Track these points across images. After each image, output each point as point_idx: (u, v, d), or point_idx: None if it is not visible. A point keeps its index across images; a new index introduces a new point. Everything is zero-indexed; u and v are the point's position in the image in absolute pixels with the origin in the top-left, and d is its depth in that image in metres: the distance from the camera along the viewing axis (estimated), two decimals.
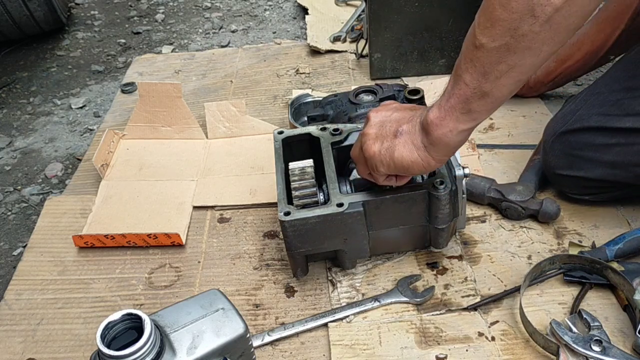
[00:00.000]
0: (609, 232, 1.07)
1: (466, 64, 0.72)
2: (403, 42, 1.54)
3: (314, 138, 1.03)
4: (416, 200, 0.92)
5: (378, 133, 0.84)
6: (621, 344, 0.88)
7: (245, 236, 1.15)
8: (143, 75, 1.73)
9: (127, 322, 0.66)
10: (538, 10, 0.64)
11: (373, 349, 0.92)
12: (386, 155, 0.83)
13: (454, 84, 0.75)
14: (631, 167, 1.01)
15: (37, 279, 1.09)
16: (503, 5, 0.66)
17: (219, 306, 0.72)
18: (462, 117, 0.75)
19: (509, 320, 0.94)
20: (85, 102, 1.71)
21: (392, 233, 0.99)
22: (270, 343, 0.94)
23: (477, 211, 1.15)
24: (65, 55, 1.97)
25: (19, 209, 1.36)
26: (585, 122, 1.03)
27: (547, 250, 1.05)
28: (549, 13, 0.64)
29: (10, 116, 1.68)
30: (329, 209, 0.91)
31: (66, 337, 0.99)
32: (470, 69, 0.72)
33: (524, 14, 0.65)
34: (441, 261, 1.05)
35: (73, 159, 1.49)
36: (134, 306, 1.03)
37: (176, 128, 1.39)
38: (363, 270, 1.04)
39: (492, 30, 0.68)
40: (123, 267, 1.11)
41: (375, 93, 1.13)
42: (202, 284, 1.06)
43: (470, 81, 0.72)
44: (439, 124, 0.77)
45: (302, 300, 1.01)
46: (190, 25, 2.09)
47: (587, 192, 1.11)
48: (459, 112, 0.75)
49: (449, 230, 0.99)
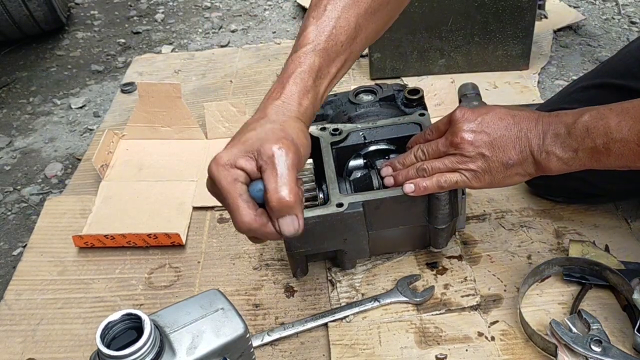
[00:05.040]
0: (609, 232, 1.07)
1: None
2: (403, 42, 1.54)
3: (314, 138, 1.03)
4: (416, 200, 0.92)
5: (489, 143, 0.84)
6: (621, 344, 0.88)
7: (244, 236, 1.15)
8: (143, 75, 1.73)
9: (127, 322, 0.66)
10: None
11: (373, 348, 0.92)
12: (491, 176, 0.85)
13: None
14: (601, 184, 1.05)
15: (37, 279, 1.09)
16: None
17: (219, 306, 0.72)
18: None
19: (508, 320, 0.94)
20: (85, 102, 1.71)
21: (392, 233, 0.99)
22: (270, 343, 0.94)
23: (476, 210, 1.15)
24: (65, 55, 1.97)
25: (19, 208, 1.36)
26: None
27: (547, 250, 1.05)
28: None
29: (10, 116, 1.68)
30: (328, 209, 0.91)
31: (66, 337, 0.99)
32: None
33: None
34: (441, 261, 1.05)
35: (73, 159, 1.49)
36: (134, 306, 1.03)
37: (176, 128, 1.39)
38: (363, 270, 1.04)
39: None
40: (123, 267, 1.11)
41: (375, 93, 1.13)
42: (201, 284, 1.06)
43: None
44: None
45: (301, 300, 1.01)
46: (190, 25, 2.09)
47: (559, 196, 1.14)
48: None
49: (449, 230, 0.99)
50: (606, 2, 1.98)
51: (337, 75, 0.80)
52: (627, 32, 1.81)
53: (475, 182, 0.86)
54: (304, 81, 0.74)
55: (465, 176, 0.86)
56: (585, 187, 1.07)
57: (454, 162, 0.86)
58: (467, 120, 0.85)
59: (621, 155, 0.75)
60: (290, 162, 0.65)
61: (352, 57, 0.82)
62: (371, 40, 0.86)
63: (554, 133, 0.80)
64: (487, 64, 1.57)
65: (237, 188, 0.66)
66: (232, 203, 0.66)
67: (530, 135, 0.82)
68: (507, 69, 1.57)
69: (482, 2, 1.46)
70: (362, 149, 1.03)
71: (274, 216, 0.65)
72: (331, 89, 0.82)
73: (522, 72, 1.58)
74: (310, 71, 0.75)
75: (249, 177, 0.67)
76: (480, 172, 0.85)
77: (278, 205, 0.64)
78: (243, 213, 0.65)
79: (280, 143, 0.66)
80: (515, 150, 0.83)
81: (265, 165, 0.66)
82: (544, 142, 0.81)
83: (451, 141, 0.86)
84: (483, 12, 1.48)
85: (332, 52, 0.78)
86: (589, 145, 0.77)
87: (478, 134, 0.84)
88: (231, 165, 0.67)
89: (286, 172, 0.65)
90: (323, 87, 0.78)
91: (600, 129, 0.76)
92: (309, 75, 0.75)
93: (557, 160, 0.81)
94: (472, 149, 0.84)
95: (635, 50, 1.05)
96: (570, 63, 1.66)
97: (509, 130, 0.83)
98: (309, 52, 0.76)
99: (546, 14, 1.82)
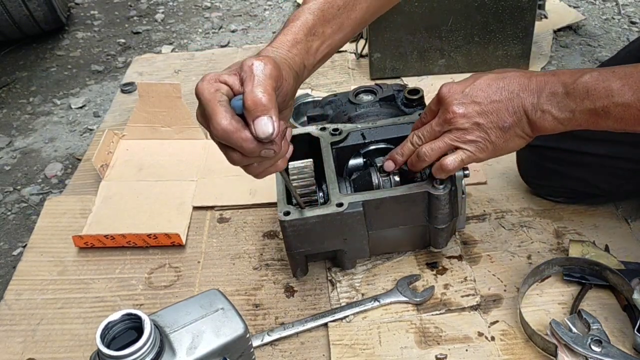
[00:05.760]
0: (609, 232, 1.07)
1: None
2: (403, 42, 1.54)
3: (314, 138, 1.03)
4: (416, 200, 0.92)
5: (481, 111, 0.83)
6: (621, 344, 0.88)
7: (245, 236, 1.15)
8: (143, 75, 1.73)
9: (127, 322, 0.66)
10: None
11: (373, 348, 0.92)
12: (493, 143, 0.84)
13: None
14: (601, 185, 1.05)
15: (37, 279, 1.09)
16: None
17: (219, 306, 0.72)
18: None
19: (508, 320, 0.94)
20: (85, 102, 1.71)
21: (392, 233, 0.99)
22: (270, 343, 0.94)
23: (476, 210, 1.15)
24: (65, 55, 1.97)
25: (19, 208, 1.36)
26: (562, 143, 1.01)
27: (547, 250, 1.05)
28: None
29: (10, 116, 1.68)
30: (328, 208, 0.91)
31: (66, 337, 0.99)
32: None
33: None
34: (441, 261, 1.05)
35: (73, 159, 1.49)
36: (134, 306, 1.03)
37: (176, 128, 1.39)
38: (363, 270, 1.04)
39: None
40: (123, 267, 1.11)
41: (375, 93, 1.13)
42: (201, 284, 1.06)
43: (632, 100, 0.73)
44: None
45: (301, 300, 1.01)
46: (190, 25, 2.09)
47: (560, 196, 1.13)
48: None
49: (449, 230, 0.99)
50: (606, 2, 1.98)
51: (332, 37, 0.83)
52: (627, 32, 1.81)
53: (480, 154, 0.85)
54: (294, 34, 0.78)
55: (468, 151, 0.85)
56: (585, 187, 1.07)
57: (452, 138, 0.85)
58: (454, 94, 0.84)
59: (621, 119, 0.74)
60: (269, 71, 0.67)
61: (350, 24, 0.84)
62: (372, 13, 0.89)
63: (551, 92, 0.79)
64: (487, 64, 1.57)
65: (217, 96, 0.67)
66: (210, 110, 0.67)
67: (523, 94, 0.81)
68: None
69: (482, 2, 1.46)
70: (362, 149, 1.03)
71: (249, 118, 0.66)
72: (327, 54, 0.83)
73: None
74: (302, 26, 0.79)
75: (232, 91, 0.69)
76: (481, 141, 0.84)
77: (252, 104, 0.65)
78: (219, 116, 0.66)
79: (260, 59, 0.68)
80: (509, 112, 0.81)
81: (245, 75, 0.67)
82: (539, 100, 0.79)
83: (444, 119, 0.85)
84: (483, 12, 1.48)
85: (328, 13, 0.81)
86: (588, 106, 0.76)
87: (468, 105, 0.83)
88: (215, 80, 0.69)
89: (263, 77, 0.66)
90: (316, 45, 0.81)
91: (601, 91, 0.75)
92: (300, 29, 0.79)
93: (553, 119, 0.79)
94: (465, 120, 0.83)
95: (635, 51, 1.05)
96: (570, 63, 1.66)
97: (499, 93, 0.82)
98: (305, 10, 0.81)
99: (546, 14, 1.82)
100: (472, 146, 0.84)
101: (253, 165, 0.74)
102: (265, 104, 0.65)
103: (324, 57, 0.83)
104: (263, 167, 0.74)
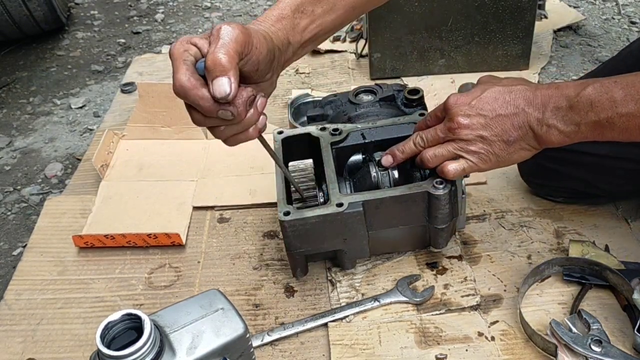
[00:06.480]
0: (609, 232, 1.07)
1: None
2: (403, 42, 1.54)
3: (314, 138, 1.03)
4: (416, 200, 0.92)
5: (486, 124, 0.83)
6: (621, 344, 0.88)
7: (245, 236, 1.15)
8: (143, 75, 1.73)
9: (127, 322, 0.66)
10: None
11: (373, 348, 0.92)
12: (497, 155, 0.85)
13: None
14: (601, 185, 1.05)
15: (37, 279, 1.09)
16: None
17: (219, 306, 0.72)
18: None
19: (508, 320, 0.94)
20: (85, 102, 1.71)
21: (392, 233, 0.99)
22: (270, 343, 0.94)
23: (476, 210, 1.15)
24: (65, 55, 1.97)
25: (19, 208, 1.36)
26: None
27: (547, 250, 1.05)
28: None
29: (10, 116, 1.68)
30: (328, 208, 0.91)
31: (66, 337, 0.99)
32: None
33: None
34: (441, 261, 1.05)
35: (73, 159, 1.49)
36: (134, 306, 1.03)
37: (176, 128, 1.39)
38: (363, 270, 1.04)
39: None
40: (123, 267, 1.11)
41: (375, 93, 1.13)
42: (201, 284, 1.06)
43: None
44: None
45: (301, 300, 1.01)
46: (190, 25, 2.09)
47: (560, 196, 1.14)
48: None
49: (449, 230, 0.99)
50: (606, 2, 1.98)
51: (323, 17, 0.84)
52: (627, 32, 1.81)
53: (482, 164, 0.86)
54: (281, 9, 0.81)
55: (470, 161, 0.86)
56: (585, 187, 1.07)
57: (455, 147, 0.86)
58: (461, 105, 0.85)
59: (625, 129, 0.75)
60: (235, 36, 0.68)
61: (342, 6, 0.85)
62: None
63: (555, 106, 0.79)
64: (487, 64, 1.57)
65: (184, 55, 0.69)
66: (174, 68, 0.69)
67: (529, 110, 0.81)
68: (507, 69, 1.57)
69: (482, 2, 1.46)
70: (361, 149, 1.03)
71: (209, 77, 0.67)
72: (317, 34, 0.84)
73: (522, 72, 1.58)
74: (290, 3, 0.81)
75: (201, 53, 0.70)
76: (484, 152, 0.85)
77: (212, 64, 0.66)
78: (179, 73, 0.68)
79: (229, 24, 0.70)
80: (514, 126, 0.82)
81: (212, 37, 0.69)
82: (544, 115, 0.80)
83: (449, 127, 0.86)
84: (483, 12, 1.48)
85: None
86: (592, 119, 0.76)
87: (473, 117, 0.84)
88: (187, 42, 0.71)
89: (227, 41, 0.68)
90: (304, 23, 0.82)
91: (604, 103, 0.75)
92: (287, 5, 0.81)
93: (559, 133, 0.79)
94: (469, 132, 0.84)
95: (636, 51, 1.05)
96: (570, 63, 1.66)
97: (505, 108, 0.83)
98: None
99: (546, 14, 1.82)
100: (475, 157, 0.86)
101: (219, 129, 0.75)
102: (224, 65, 0.66)
103: (313, 36, 0.84)
104: (230, 131, 0.75)
